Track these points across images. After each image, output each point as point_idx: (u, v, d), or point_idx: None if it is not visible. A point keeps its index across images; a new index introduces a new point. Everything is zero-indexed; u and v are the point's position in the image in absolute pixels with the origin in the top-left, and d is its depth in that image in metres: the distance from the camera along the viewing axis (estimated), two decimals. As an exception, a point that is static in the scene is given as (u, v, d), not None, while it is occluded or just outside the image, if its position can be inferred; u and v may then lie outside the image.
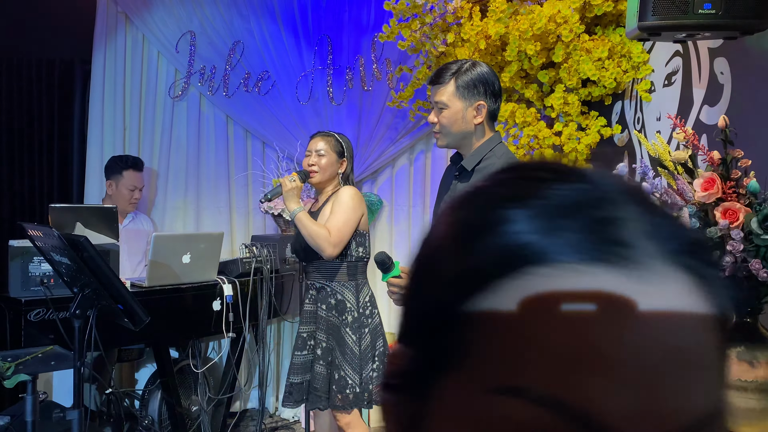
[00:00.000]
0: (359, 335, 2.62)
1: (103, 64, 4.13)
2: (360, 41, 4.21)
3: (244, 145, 4.27)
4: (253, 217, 4.32)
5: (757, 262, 1.44)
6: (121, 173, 3.70)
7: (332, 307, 2.63)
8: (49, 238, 2.12)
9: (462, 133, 2.06)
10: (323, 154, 2.67)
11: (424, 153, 4.30)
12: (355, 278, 2.68)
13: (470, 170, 2.05)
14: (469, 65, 2.05)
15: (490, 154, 2.06)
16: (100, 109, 4.14)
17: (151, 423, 3.34)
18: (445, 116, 2.04)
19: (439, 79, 2.05)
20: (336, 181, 2.74)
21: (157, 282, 2.95)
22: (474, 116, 2.04)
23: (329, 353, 2.60)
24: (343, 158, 2.72)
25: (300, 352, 2.65)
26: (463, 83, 2.02)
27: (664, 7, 1.91)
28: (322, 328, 2.63)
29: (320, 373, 2.60)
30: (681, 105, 2.66)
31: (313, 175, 2.68)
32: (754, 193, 1.51)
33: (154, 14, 4.14)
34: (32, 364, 2.20)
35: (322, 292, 2.65)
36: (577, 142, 3.41)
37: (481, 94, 2.04)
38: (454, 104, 2.03)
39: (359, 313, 2.65)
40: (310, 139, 2.77)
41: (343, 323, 2.61)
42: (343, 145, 2.73)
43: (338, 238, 2.54)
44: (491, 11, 3.28)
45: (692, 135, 1.64)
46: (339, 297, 2.64)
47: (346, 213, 2.58)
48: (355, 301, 2.65)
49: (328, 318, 2.63)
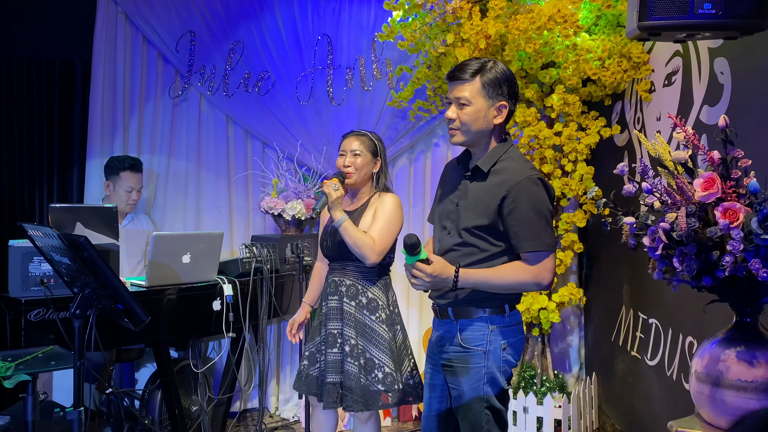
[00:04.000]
0: (393, 332, 2.63)
1: (103, 64, 4.13)
2: (360, 41, 4.21)
3: (244, 145, 4.27)
4: (253, 217, 4.32)
5: (757, 262, 1.44)
6: (118, 174, 3.69)
7: (363, 306, 2.62)
8: (49, 238, 2.12)
9: (480, 132, 2.04)
10: (358, 154, 2.66)
11: (424, 153, 4.30)
12: (383, 278, 2.69)
13: (486, 171, 2.04)
14: (492, 63, 2.02)
15: (506, 156, 2.05)
16: (100, 109, 4.14)
17: (151, 423, 3.35)
18: (467, 113, 2.01)
19: (462, 75, 2.01)
20: (371, 183, 2.73)
21: (157, 282, 2.95)
22: (495, 116, 2.03)
23: (361, 354, 2.57)
24: (377, 157, 2.71)
25: (331, 349, 2.62)
26: (488, 81, 2.00)
27: (664, 7, 1.91)
28: (350, 325, 2.61)
29: (353, 373, 2.56)
30: (681, 105, 2.66)
31: (350, 175, 2.66)
32: (754, 193, 1.51)
33: (154, 14, 4.14)
34: (32, 364, 2.20)
35: (352, 290, 2.63)
36: (577, 142, 3.41)
37: (505, 95, 2.02)
38: (478, 102, 2.00)
39: (390, 311, 2.66)
40: (343, 138, 2.74)
41: (377, 320, 2.61)
42: (377, 144, 2.72)
43: (382, 247, 2.56)
44: (490, 9, 3.28)
45: (692, 135, 1.64)
46: (370, 295, 2.63)
47: (391, 222, 2.61)
48: (386, 299, 2.66)
49: (357, 315, 2.61)
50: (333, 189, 2.55)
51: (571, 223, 3.49)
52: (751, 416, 1.51)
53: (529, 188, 1.95)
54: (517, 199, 1.95)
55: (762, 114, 2.03)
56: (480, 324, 2.04)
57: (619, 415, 3.46)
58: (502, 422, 2.06)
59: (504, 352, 2.04)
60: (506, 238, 1.99)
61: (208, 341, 3.80)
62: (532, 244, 1.95)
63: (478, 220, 2.01)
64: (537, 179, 1.98)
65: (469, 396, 2.03)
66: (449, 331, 2.10)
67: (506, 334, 2.05)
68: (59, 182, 4.23)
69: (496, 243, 2.01)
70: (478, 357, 2.03)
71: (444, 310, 2.10)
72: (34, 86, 4.21)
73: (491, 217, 1.99)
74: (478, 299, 2.04)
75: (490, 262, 2.02)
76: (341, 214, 2.54)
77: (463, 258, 2.04)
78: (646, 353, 2.98)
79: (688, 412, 1.71)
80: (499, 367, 2.03)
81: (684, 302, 2.55)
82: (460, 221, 2.05)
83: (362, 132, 2.73)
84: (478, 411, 2.03)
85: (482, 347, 2.03)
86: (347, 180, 2.66)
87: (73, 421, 2.02)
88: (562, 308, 3.58)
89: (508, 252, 2.01)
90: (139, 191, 3.78)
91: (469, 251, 2.03)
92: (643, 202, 1.70)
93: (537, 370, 3.65)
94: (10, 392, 2.59)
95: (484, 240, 2.01)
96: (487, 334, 2.03)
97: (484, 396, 2.02)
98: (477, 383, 2.03)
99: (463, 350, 2.05)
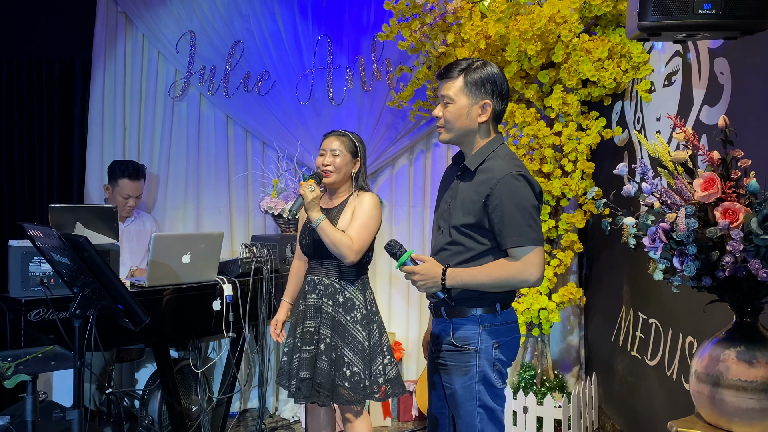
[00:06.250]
0: (368, 331, 2.66)
1: (103, 64, 4.13)
2: (360, 41, 4.21)
3: (244, 145, 4.27)
4: (253, 217, 4.32)
5: (757, 262, 1.44)
6: (116, 181, 3.68)
7: (340, 305, 2.65)
8: (49, 238, 2.12)
9: (465, 130, 2.07)
10: (338, 154, 2.68)
11: (424, 153, 4.30)
12: (361, 277, 2.71)
13: (473, 170, 2.07)
14: (480, 64, 2.06)
15: (493, 155, 2.07)
16: (100, 109, 4.14)
17: (151, 423, 3.34)
18: (450, 111, 2.06)
19: (448, 74, 2.06)
20: (350, 182, 2.75)
21: (157, 282, 2.95)
22: (479, 114, 2.05)
23: (333, 350, 2.62)
24: (356, 158, 2.73)
25: (308, 346, 2.65)
26: (471, 80, 2.04)
27: (664, 7, 1.91)
28: (327, 324, 2.64)
29: (323, 369, 2.61)
30: (681, 105, 2.66)
31: (328, 174, 2.68)
32: (754, 193, 1.51)
33: (154, 14, 4.14)
34: (32, 364, 2.20)
35: (330, 289, 2.67)
36: (577, 142, 3.41)
37: (488, 93, 2.05)
38: (461, 100, 2.04)
39: (367, 309, 2.68)
40: (324, 138, 2.76)
41: (351, 320, 2.64)
42: (357, 145, 2.74)
43: (360, 246, 2.58)
44: (491, 10, 3.28)
45: (692, 135, 1.64)
46: (347, 295, 2.66)
47: (369, 221, 2.63)
48: (363, 298, 2.69)
49: (334, 315, 2.64)
50: (309, 190, 2.57)
51: (571, 224, 3.48)
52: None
53: (510, 184, 1.97)
54: (500, 195, 1.97)
55: (762, 114, 2.03)
56: (471, 323, 2.06)
57: (619, 415, 3.46)
58: (497, 421, 2.07)
59: (496, 351, 2.05)
60: (493, 236, 2.02)
61: (208, 341, 3.80)
62: (515, 239, 1.97)
63: (466, 218, 2.04)
64: (519, 175, 1.99)
65: (462, 395, 2.06)
66: (444, 330, 2.12)
67: (498, 333, 2.07)
68: (59, 182, 4.23)
69: (482, 241, 2.03)
70: (470, 356, 2.05)
71: (438, 309, 2.12)
72: (34, 86, 4.21)
73: (477, 215, 2.01)
74: (469, 299, 2.05)
75: (478, 260, 2.04)
76: (318, 214, 2.56)
77: (452, 257, 2.07)
78: (646, 353, 2.98)
79: (688, 412, 1.71)
80: (491, 366, 2.04)
81: (684, 302, 2.55)
82: (451, 220, 2.09)
83: (343, 132, 2.75)
84: (470, 410, 2.05)
85: (473, 346, 2.05)
86: (326, 179, 2.69)
87: (73, 421, 2.02)
88: (562, 308, 3.58)
89: (495, 251, 2.04)
90: (137, 198, 3.76)
91: (457, 250, 2.06)
92: (643, 202, 1.70)
93: (537, 370, 3.65)
94: (10, 392, 2.59)
95: (471, 238, 2.04)
96: (479, 333, 2.05)
97: (476, 395, 2.04)
98: (469, 382, 2.05)
99: (455, 349, 2.07)
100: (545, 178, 3.49)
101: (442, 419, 2.24)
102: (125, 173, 3.68)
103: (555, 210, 3.56)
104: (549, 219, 3.50)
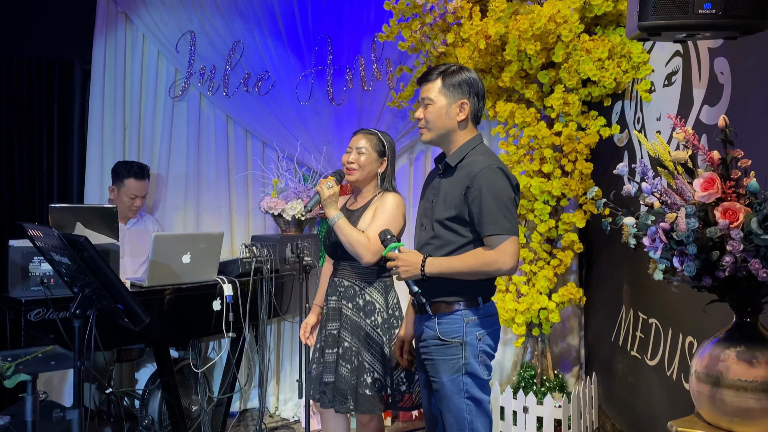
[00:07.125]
0: (389, 336, 2.58)
1: (103, 64, 4.13)
2: (360, 41, 4.21)
3: (244, 145, 4.27)
4: (253, 217, 4.32)
5: (757, 262, 1.44)
6: (122, 181, 3.68)
7: (360, 308, 2.58)
8: (49, 238, 2.12)
9: (445, 129, 2.19)
10: (363, 152, 2.61)
11: (424, 153, 4.30)
12: (383, 280, 2.63)
13: (454, 166, 2.18)
14: (456, 68, 2.20)
15: (473, 152, 2.18)
16: (100, 109, 4.14)
17: (151, 423, 3.35)
18: (431, 111, 2.18)
19: (427, 78, 2.20)
20: (375, 182, 2.67)
21: (157, 282, 2.95)
22: (457, 113, 2.17)
23: (353, 355, 2.55)
24: (383, 158, 2.66)
25: (331, 349, 2.59)
26: (449, 82, 2.17)
27: (664, 7, 1.91)
28: (346, 327, 2.58)
29: (344, 376, 2.54)
30: (681, 105, 2.66)
31: (352, 172, 2.61)
32: (754, 193, 1.51)
33: (154, 14, 4.14)
34: (32, 364, 2.20)
35: (350, 291, 2.60)
36: (577, 142, 3.41)
37: (465, 93, 2.18)
38: (440, 100, 2.17)
39: (389, 314, 2.60)
40: (353, 135, 2.70)
41: (372, 325, 2.57)
42: (385, 145, 2.66)
43: (378, 247, 2.41)
44: (491, 11, 3.28)
45: (692, 135, 1.64)
46: (367, 298, 2.59)
47: (389, 221, 2.52)
48: (384, 302, 2.61)
49: (353, 318, 2.58)
50: (326, 187, 2.52)
51: (571, 223, 3.48)
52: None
53: (488, 176, 2.07)
54: (479, 187, 2.06)
55: (762, 114, 2.03)
56: (456, 317, 2.12)
57: (619, 415, 3.46)
58: (485, 412, 2.12)
59: (480, 342, 2.12)
60: (473, 227, 2.10)
61: (208, 341, 3.80)
62: (491, 228, 2.05)
63: (447, 212, 2.13)
64: (497, 168, 2.09)
65: (449, 387, 2.10)
66: (429, 327, 2.17)
67: (482, 325, 2.13)
68: (59, 182, 4.23)
69: (463, 233, 2.11)
70: (456, 348, 2.10)
71: (422, 306, 2.16)
72: (34, 86, 4.21)
73: (458, 207, 2.11)
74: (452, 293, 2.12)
75: (459, 252, 2.12)
76: (335, 212, 2.51)
77: (435, 251, 2.15)
78: (646, 353, 2.98)
79: (688, 412, 1.71)
80: (476, 358, 2.11)
81: (684, 302, 2.55)
82: (434, 215, 2.17)
83: (372, 131, 2.69)
84: (458, 402, 2.10)
85: (459, 338, 2.11)
86: (348, 177, 2.63)
87: (73, 421, 2.02)
88: (562, 308, 3.58)
89: (476, 242, 2.12)
90: (143, 198, 3.77)
91: (440, 243, 2.14)
92: (643, 202, 1.70)
93: (537, 370, 3.65)
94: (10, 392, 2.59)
95: (452, 231, 2.13)
96: (464, 326, 2.11)
97: (463, 387, 2.09)
98: (456, 374, 2.10)
99: (441, 343, 2.13)
100: (545, 178, 3.48)
101: (434, 418, 2.28)
102: (131, 173, 3.69)
103: (555, 210, 3.55)
104: (549, 219, 3.50)
